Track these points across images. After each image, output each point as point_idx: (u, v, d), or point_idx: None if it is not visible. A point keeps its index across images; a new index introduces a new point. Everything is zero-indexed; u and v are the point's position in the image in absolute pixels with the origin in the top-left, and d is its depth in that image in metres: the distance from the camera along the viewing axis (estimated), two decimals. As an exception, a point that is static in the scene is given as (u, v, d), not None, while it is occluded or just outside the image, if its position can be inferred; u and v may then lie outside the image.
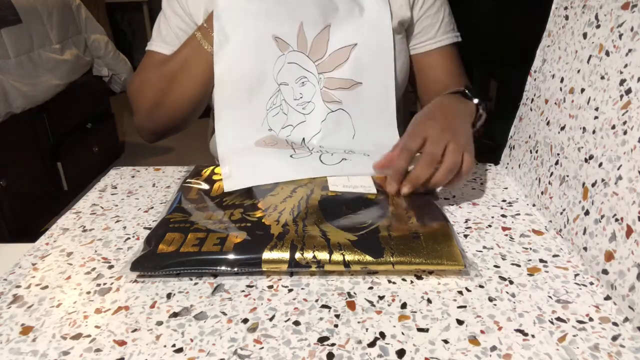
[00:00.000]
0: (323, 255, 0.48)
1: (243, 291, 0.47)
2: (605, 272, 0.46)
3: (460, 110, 0.66)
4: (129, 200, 0.66)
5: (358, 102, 0.74)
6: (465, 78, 0.85)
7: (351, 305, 0.45)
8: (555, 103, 0.60)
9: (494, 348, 0.39)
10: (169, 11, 0.80)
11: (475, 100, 0.68)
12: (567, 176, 0.54)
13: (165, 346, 0.40)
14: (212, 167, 0.69)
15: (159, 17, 0.82)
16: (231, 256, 0.49)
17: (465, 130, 0.63)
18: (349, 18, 0.72)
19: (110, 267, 0.51)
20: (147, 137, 0.85)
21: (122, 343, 0.41)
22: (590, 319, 0.42)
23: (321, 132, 0.74)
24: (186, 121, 0.81)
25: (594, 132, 0.51)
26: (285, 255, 0.48)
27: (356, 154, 0.69)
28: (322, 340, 0.41)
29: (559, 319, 0.42)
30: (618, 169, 0.46)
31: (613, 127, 0.47)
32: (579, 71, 0.55)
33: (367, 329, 0.42)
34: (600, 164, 0.49)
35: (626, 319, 0.42)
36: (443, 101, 0.67)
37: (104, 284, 0.48)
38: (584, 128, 0.53)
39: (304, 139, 0.73)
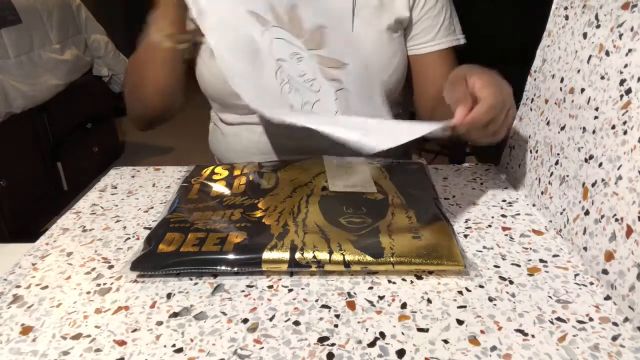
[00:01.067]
0: (323, 255, 0.48)
1: (243, 291, 0.47)
2: (605, 272, 0.46)
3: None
4: (129, 200, 0.66)
5: (352, 83, 0.72)
6: None
7: (351, 305, 0.45)
8: (555, 103, 0.60)
9: (494, 348, 0.39)
10: None
11: None
12: (567, 176, 0.54)
13: (165, 346, 0.40)
14: (212, 167, 0.69)
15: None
16: (231, 256, 0.49)
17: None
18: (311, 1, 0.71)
19: (110, 267, 0.51)
20: (135, 123, 0.83)
21: (122, 343, 0.41)
22: (590, 319, 0.42)
23: (339, 112, 0.71)
24: (165, 111, 0.79)
25: (594, 132, 0.51)
26: (285, 255, 0.48)
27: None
28: (322, 340, 0.41)
29: (559, 319, 0.42)
30: (618, 169, 0.46)
31: (613, 127, 0.47)
32: (579, 71, 0.55)
33: (367, 329, 0.42)
34: (600, 164, 0.49)
35: (626, 319, 0.42)
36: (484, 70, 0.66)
37: (104, 284, 0.48)
38: (584, 128, 0.53)
39: None
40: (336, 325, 0.42)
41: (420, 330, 0.41)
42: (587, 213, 0.50)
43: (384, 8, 0.76)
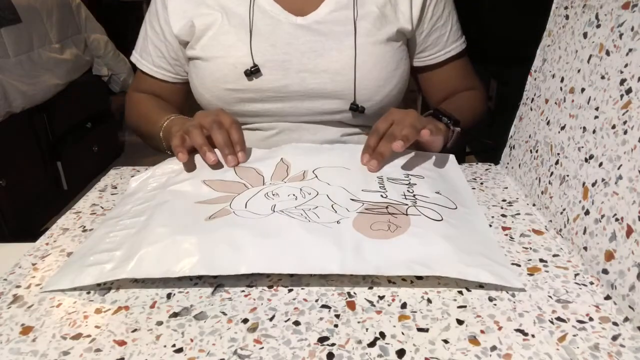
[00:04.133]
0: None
1: (243, 291, 0.47)
2: (605, 271, 0.46)
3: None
4: (128, 200, 0.66)
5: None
6: (475, 79, 0.87)
7: (351, 305, 0.45)
8: (556, 103, 0.60)
9: (494, 348, 0.39)
10: (147, 25, 0.83)
11: (444, 120, 0.71)
12: (567, 176, 0.54)
13: (165, 346, 0.40)
14: None
15: (144, 21, 0.85)
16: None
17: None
18: None
19: (110, 267, 0.51)
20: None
21: (122, 343, 0.41)
22: (591, 319, 0.42)
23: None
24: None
25: (594, 131, 0.51)
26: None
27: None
28: (322, 340, 0.41)
29: (559, 318, 0.42)
30: (618, 168, 0.46)
31: (613, 126, 0.47)
32: (579, 71, 0.55)
33: (367, 329, 0.41)
34: (601, 164, 0.49)
35: (626, 319, 0.42)
36: None
37: (104, 283, 0.48)
38: (584, 128, 0.53)
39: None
40: (336, 325, 0.42)
41: (420, 330, 0.41)
42: (587, 213, 0.50)
43: (386, 19, 0.76)
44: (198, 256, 0.48)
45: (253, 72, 0.74)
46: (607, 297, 0.45)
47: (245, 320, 0.43)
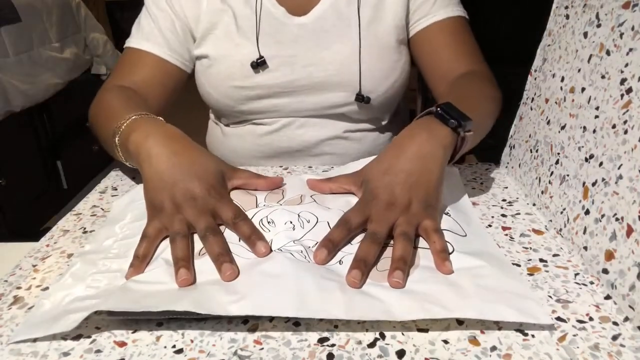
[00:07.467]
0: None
1: (243, 291, 0.47)
2: (605, 271, 0.46)
3: (427, 154, 0.52)
4: (128, 200, 0.66)
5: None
6: (476, 55, 0.77)
7: (351, 306, 0.44)
8: (556, 102, 0.60)
9: (494, 348, 0.39)
10: (153, 8, 0.77)
11: (452, 124, 0.53)
12: (568, 175, 0.54)
13: (165, 347, 0.40)
14: None
15: (140, 14, 0.79)
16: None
17: (427, 186, 0.51)
18: None
19: (111, 267, 0.51)
20: None
21: (122, 344, 0.41)
22: (591, 319, 0.42)
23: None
24: None
25: (594, 131, 0.51)
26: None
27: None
28: (322, 340, 0.41)
29: (559, 318, 0.42)
30: (618, 168, 0.46)
31: (614, 126, 0.47)
32: (579, 70, 0.55)
33: (367, 330, 0.42)
34: (601, 164, 0.49)
35: (626, 319, 0.42)
36: (404, 144, 0.54)
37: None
38: (584, 127, 0.52)
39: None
40: (336, 326, 0.42)
41: (420, 330, 0.41)
42: (587, 212, 0.50)
43: (384, 4, 0.76)
44: (188, 298, 0.43)
45: (259, 64, 0.74)
46: (607, 297, 0.45)
47: (245, 321, 0.43)
